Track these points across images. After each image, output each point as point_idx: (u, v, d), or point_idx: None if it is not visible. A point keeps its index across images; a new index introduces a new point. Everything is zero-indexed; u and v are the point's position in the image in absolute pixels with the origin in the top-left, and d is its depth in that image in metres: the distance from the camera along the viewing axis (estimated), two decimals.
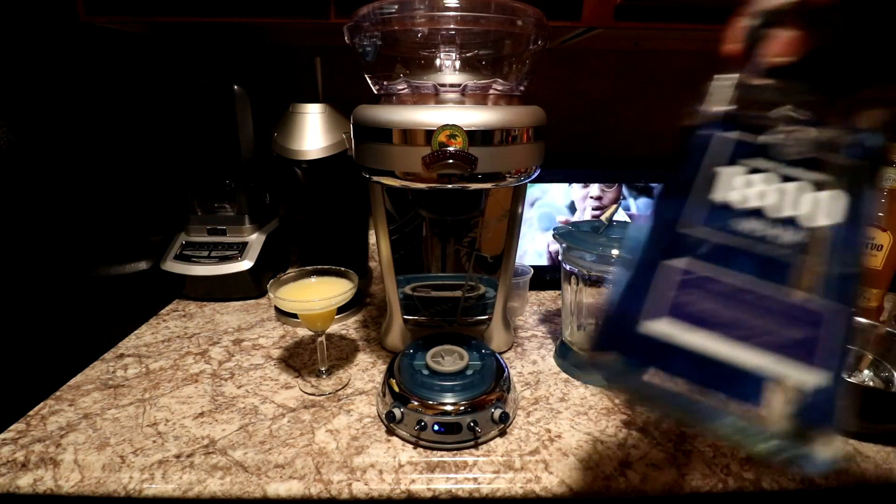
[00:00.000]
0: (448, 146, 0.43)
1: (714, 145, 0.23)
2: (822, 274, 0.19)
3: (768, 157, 0.22)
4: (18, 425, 0.47)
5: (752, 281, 0.20)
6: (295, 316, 0.66)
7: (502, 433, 0.46)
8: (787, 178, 0.21)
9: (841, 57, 0.23)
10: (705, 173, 0.22)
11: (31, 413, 0.49)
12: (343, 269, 0.57)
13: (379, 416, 0.48)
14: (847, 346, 0.19)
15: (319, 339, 0.55)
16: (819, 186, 0.21)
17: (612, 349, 0.21)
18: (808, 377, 0.18)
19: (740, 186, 0.21)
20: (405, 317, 0.62)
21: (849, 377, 0.54)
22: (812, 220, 0.20)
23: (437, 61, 0.49)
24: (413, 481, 0.41)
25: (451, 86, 0.47)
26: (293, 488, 0.40)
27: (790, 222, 0.20)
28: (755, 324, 0.19)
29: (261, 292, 0.76)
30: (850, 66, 0.23)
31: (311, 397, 0.52)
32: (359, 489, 0.40)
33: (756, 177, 0.21)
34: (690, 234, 0.21)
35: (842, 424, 0.18)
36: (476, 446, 0.44)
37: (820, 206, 0.20)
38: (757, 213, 0.21)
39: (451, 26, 0.46)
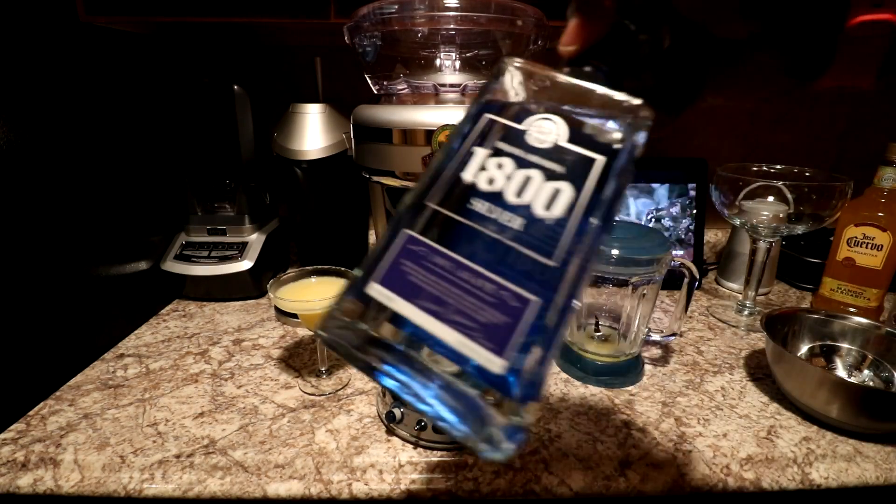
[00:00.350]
0: None
1: (481, 125, 0.23)
2: (530, 264, 0.20)
3: (524, 143, 0.22)
4: (18, 425, 0.47)
5: (471, 261, 0.20)
6: (295, 316, 0.66)
7: None
8: (535, 166, 0.22)
9: (615, 50, 0.24)
10: (465, 150, 0.23)
11: (31, 413, 0.49)
12: (343, 269, 0.57)
13: (379, 416, 0.48)
14: (542, 340, 0.19)
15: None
16: (550, 176, 0.21)
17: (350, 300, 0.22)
18: (493, 363, 0.19)
19: (490, 168, 0.22)
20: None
21: (849, 377, 0.54)
22: (537, 210, 0.21)
23: (437, 61, 0.49)
24: (413, 481, 0.41)
25: (451, 86, 0.47)
26: (293, 488, 0.40)
27: (523, 209, 0.21)
28: (460, 303, 0.20)
29: (261, 292, 0.76)
30: (614, 56, 0.24)
31: (311, 397, 0.52)
32: (359, 489, 0.40)
33: (507, 161, 0.22)
34: (432, 206, 0.22)
35: (519, 419, 0.18)
36: None
37: (544, 196, 0.21)
38: (497, 196, 0.21)
39: (451, 26, 0.46)
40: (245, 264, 0.73)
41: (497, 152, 0.22)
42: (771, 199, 0.66)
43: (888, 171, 0.65)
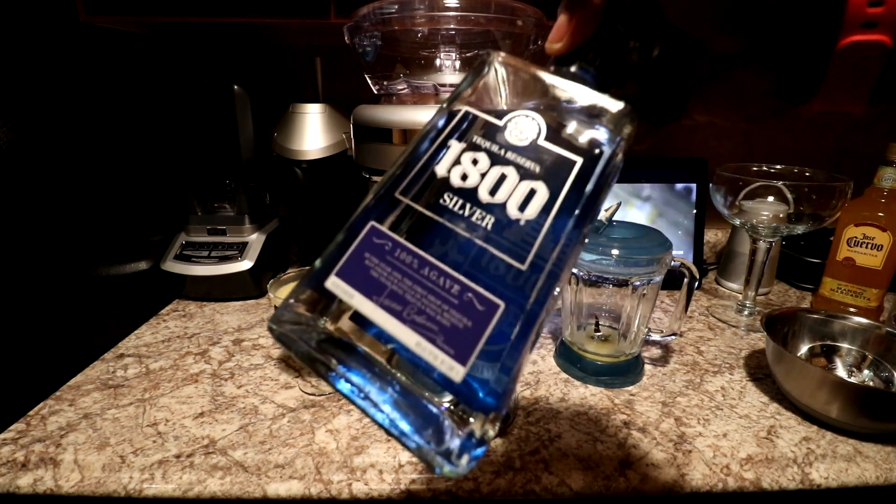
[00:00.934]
0: None
1: (458, 117, 0.22)
2: (500, 267, 0.19)
3: (501, 139, 0.21)
4: (18, 425, 0.47)
5: (437, 259, 0.19)
6: None
7: (502, 433, 0.46)
8: (511, 164, 0.21)
9: (602, 53, 0.23)
10: (441, 143, 0.22)
11: (31, 413, 0.49)
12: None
13: None
14: (508, 348, 0.18)
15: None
16: (526, 175, 0.20)
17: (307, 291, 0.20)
18: (453, 369, 0.17)
19: (464, 163, 0.21)
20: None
21: (849, 377, 0.54)
22: (510, 210, 0.20)
23: (437, 61, 0.49)
24: (413, 481, 0.41)
25: (451, 86, 0.47)
26: (293, 488, 0.40)
27: (496, 208, 0.20)
28: (423, 303, 0.18)
29: (261, 292, 0.76)
30: (602, 59, 0.23)
31: (311, 397, 0.52)
32: (359, 489, 0.40)
33: (482, 156, 0.21)
34: (400, 198, 0.21)
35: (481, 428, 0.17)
36: None
37: (518, 196, 0.20)
38: (470, 193, 0.20)
39: (451, 26, 0.46)
40: (245, 264, 0.73)
41: (473, 147, 0.21)
42: (771, 199, 0.66)
43: (888, 171, 0.65)
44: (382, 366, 0.19)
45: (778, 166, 0.71)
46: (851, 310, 0.69)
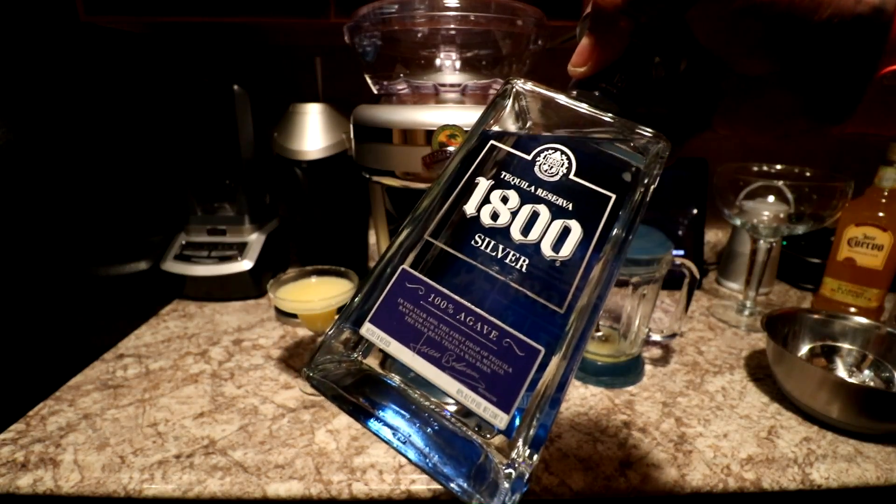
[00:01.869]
0: (448, 146, 0.43)
1: (484, 152, 0.21)
2: (537, 310, 0.18)
3: (531, 175, 0.20)
4: (18, 425, 0.47)
5: (473, 304, 0.18)
6: (295, 316, 0.66)
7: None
8: (542, 201, 0.20)
9: (627, 72, 0.22)
10: (467, 179, 0.21)
11: (31, 413, 0.49)
12: (343, 269, 0.57)
13: None
14: (550, 392, 0.17)
15: (319, 339, 0.55)
16: (559, 213, 0.19)
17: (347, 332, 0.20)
18: (497, 417, 0.17)
19: (494, 201, 0.20)
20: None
21: (850, 377, 0.54)
22: (545, 250, 0.19)
23: (437, 61, 0.49)
24: (413, 481, 0.41)
25: (452, 86, 0.47)
26: (293, 488, 0.40)
27: (530, 248, 0.19)
28: (461, 349, 0.18)
29: (261, 292, 0.76)
30: (627, 80, 0.22)
31: (311, 397, 0.52)
32: (359, 489, 0.40)
33: (512, 194, 0.20)
34: (433, 242, 0.20)
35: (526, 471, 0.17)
36: None
37: (552, 235, 0.19)
38: (502, 233, 0.19)
39: (451, 26, 0.46)
40: (245, 264, 0.73)
41: (502, 184, 0.20)
42: (771, 199, 0.66)
43: (888, 171, 0.65)
44: (420, 403, 0.18)
45: (778, 166, 0.71)
46: (852, 310, 0.69)
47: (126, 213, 0.66)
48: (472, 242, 0.20)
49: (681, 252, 0.83)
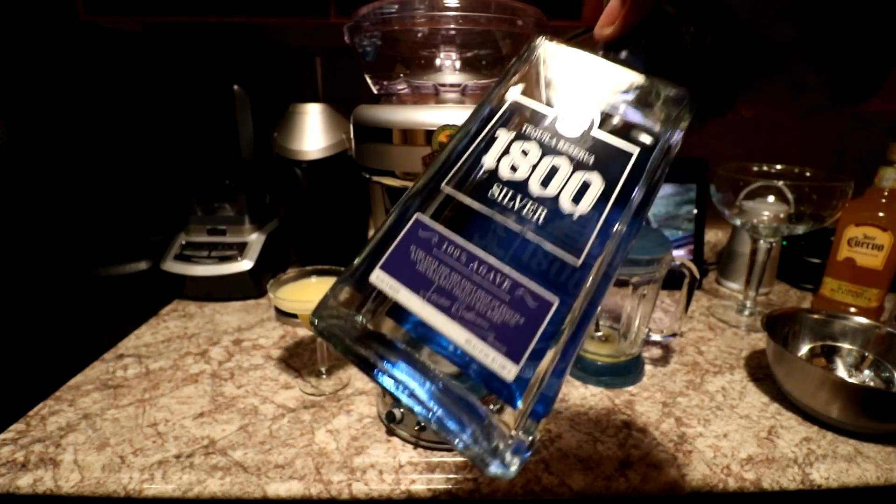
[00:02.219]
0: None
1: (506, 105, 0.21)
2: (553, 262, 0.18)
3: (552, 129, 0.20)
4: (18, 425, 0.47)
5: (487, 253, 0.18)
6: (295, 316, 0.65)
7: None
8: (563, 154, 0.20)
9: (654, 38, 0.22)
10: (487, 132, 0.21)
11: (31, 413, 0.49)
12: (343, 269, 0.56)
13: (379, 416, 0.48)
14: (560, 348, 0.17)
15: (319, 339, 0.55)
16: (579, 166, 0.19)
17: (350, 286, 0.20)
18: (505, 368, 0.17)
19: (514, 154, 0.20)
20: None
21: (850, 377, 0.54)
22: (563, 203, 0.19)
23: (437, 61, 0.49)
24: (413, 481, 0.41)
25: (452, 86, 0.47)
26: (293, 488, 0.40)
27: (548, 201, 0.19)
28: (472, 299, 0.18)
29: (261, 292, 0.76)
30: (654, 44, 0.22)
31: (311, 397, 0.52)
32: (359, 489, 0.40)
33: (532, 146, 0.20)
34: (447, 190, 0.20)
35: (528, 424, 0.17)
36: None
37: (571, 188, 0.19)
38: (520, 185, 0.19)
39: (451, 26, 0.46)
40: (245, 264, 0.73)
41: (522, 136, 0.20)
42: (771, 199, 0.66)
43: (888, 171, 0.65)
44: (424, 362, 0.18)
45: (778, 166, 0.71)
46: (852, 310, 0.69)
47: (126, 213, 0.66)
48: (490, 194, 0.19)
49: (680, 252, 0.83)
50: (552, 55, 0.22)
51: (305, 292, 0.54)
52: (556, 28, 0.54)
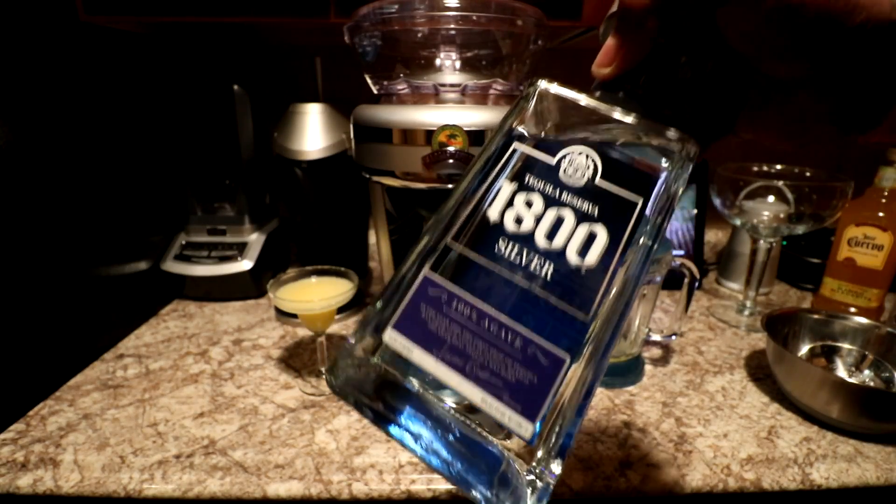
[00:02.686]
0: (448, 146, 0.43)
1: (508, 155, 0.21)
2: (563, 318, 0.18)
3: (555, 179, 0.20)
4: (18, 425, 0.47)
5: (497, 310, 0.18)
6: (295, 316, 0.66)
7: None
8: (567, 206, 0.19)
9: (653, 73, 0.22)
10: (490, 183, 0.21)
11: (31, 413, 0.49)
12: (343, 269, 0.57)
13: None
14: (558, 401, 0.17)
15: (319, 339, 0.55)
16: (584, 218, 0.19)
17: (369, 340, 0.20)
18: (522, 427, 0.17)
19: (518, 206, 0.20)
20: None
21: (850, 377, 0.54)
22: (570, 256, 0.19)
23: (437, 61, 0.49)
24: (413, 482, 0.41)
25: (452, 86, 0.47)
26: (293, 488, 0.40)
27: (555, 255, 0.19)
28: (485, 357, 0.18)
29: (261, 292, 0.76)
30: (652, 80, 0.22)
31: (311, 397, 0.52)
32: (359, 489, 0.40)
33: (536, 198, 0.20)
34: (453, 245, 0.20)
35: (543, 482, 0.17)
36: None
37: (577, 241, 0.19)
38: (526, 238, 0.19)
39: (451, 26, 0.46)
40: (245, 264, 0.73)
41: (525, 188, 0.20)
42: (771, 199, 0.66)
43: (888, 172, 0.65)
44: (440, 411, 0.18)
45: (778, 166, 0.71)
46: (852, 310, 0.69)
47: (126, 213, 0.66)
48: (496, 248, 0.19)
49: (681, 252, 0.83)
50: (551, 100, 0.22)
51: (305, 292, 0.54)
52: (556, 28, 0.54)
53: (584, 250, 0.19)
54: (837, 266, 0.70)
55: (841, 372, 0.55)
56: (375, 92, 0.52)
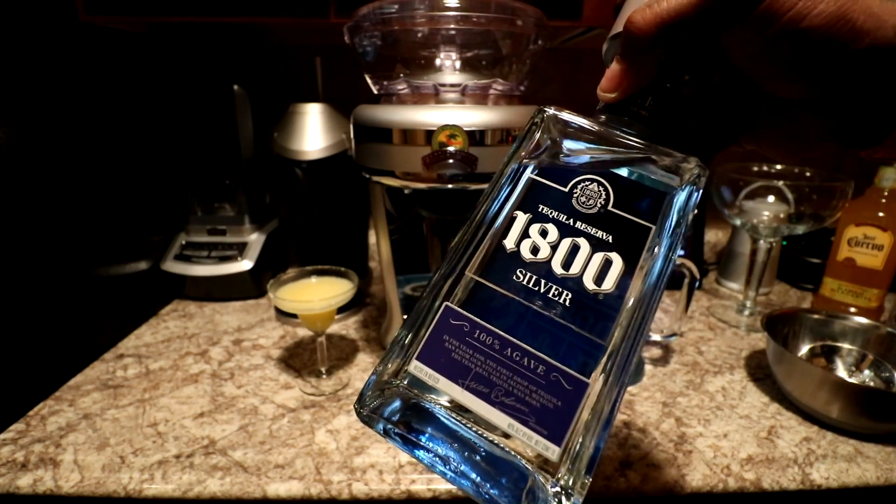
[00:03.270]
0: (448, 146, 0.43)
1: (521, 186, 0.21)
2: (583, 343, 0.18)
3: (569, 208, 0.20)
4: (18, 425, 0.47)
5: (518, 338, 0.19)
6: (295, 316, 0.66)
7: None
8: (582, 234, 0.20)
9: (658, 93, 0.22)
10: (505, 214, 0.21)
11: (31, 413, 0.49)
12: (343, 269, 0.57)
13: None
14: (599, 421, 0.18)
15: (319, 339, 0.55)
16: (599, 245, 0.19)
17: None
18: (549, 450, 0.17)
19: (533, 235, 0.20)
20: (405, 317, 0.61)
21: (850, 377, 0.54)
22: (587, 283, 0.19)
23: (437, 61, 0.49)
24: (413, 482, 0.41)
25: (452, 86, 0.47)
26: (293, 488, 0.40)
27: (572, 282, 0.19)
28: (509, 384, 0.18)
29: (261, 292, 0.76)
30: (657, 103, 0.22)
31: (311, 397, 0.52)
32: (359, 489, 0.40)
33: (551, 227, 0.20)
34: (472, 276, 0.20)
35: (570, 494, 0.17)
36: None
37: (593, 268, 0.19)
38: (543, 267, 0.20)
39: (451, 26, 0.46)
40: (245, 264, 0.73)
41: (540, 217, 0.20)
42: (771, 199, 0.66)
43: (888, 172, 0.65)
44: (466, 434, 0.18)
45: (778, 166, 0.71)
46: (852, 310, 0.69)
47: (126, 213, 0.66)
48: (514, 277, 0.20)
49: (681, 252, 0.83)
50: (559, 127, 0.22)
51: (305, 292, 0.54)
52: (556, 28, 0.54)
53: (600, 277, 0.19)
54: (837, 266, 0.70)
55: (841, 372, 0.55)
56: (375, 92, 0.52)
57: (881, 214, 0.65)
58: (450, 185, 0.45)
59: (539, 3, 0.46)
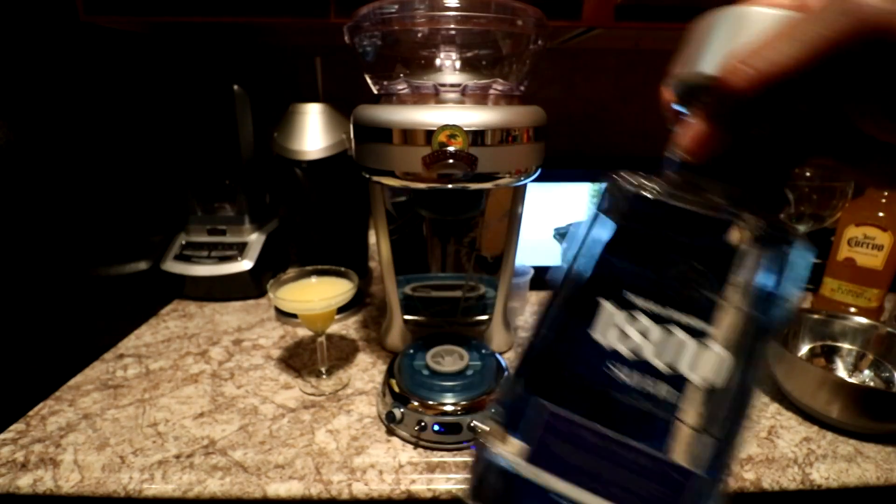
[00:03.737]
0: (448, 146, 0.43)
1: (601, 268, 0.20)
2: (686, 434, 0.18)
3: (659, 294, 0.19)
4: (18, 425, 0.47)
5: (621, 434, 0.18)
6: (295, 316, 0.66)
7: None
8: (674, 322, 0.18)
9: (758, 163, 0.19)
10: (588, 301, 0.19)
11: (31, 413, 0.49)
12: (343, 269, 0.57)
13: (379, 416, 0.48)
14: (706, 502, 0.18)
15: (319, 339, 0.55)
16: (694, 333, 0.18)
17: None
18: None
19: (625, 327, 0.19)
20: (405, 317, 0.62)
21: (850, 377, 0.54)
22: (684, 373, 0.18)
23: (437, 61, 0.49)
24: (413, 481, 0.41)
25: (452, 86, 0.47)
26: (293, 488, 0.40)
27: (668, 374, 0.18)
28: (617, 477, 0.18)
29: (261, 292, 0.76)
30: (745, 158, 0.19)
31: (311, 397, 0.52)
32: (359, 489, 0.40)
33: (641, 316, 0.19)
34: (567, 375, 0.19)
35: None
36: None
37: (688, 358, 0.18)
38: (636, 358, 0.18)
39: (451, 26, 0.46)
40: (245, 264, 0.73)
41: (628, 305, 0.19)
42: None
43: None
44: None
45: None
46: (852, 310, 0.69)
47: (126, 213, 0.66)
48: (607, 370, 0.19)
49: None
50: (631, 195, 0.20)
51: (305, 292, 0.54)
52: (556, 28, 0.54)
53: (695, 366, 0.18)
54: (837, 266, 0.70)
55: (841, 372, 0.55)
56: (375, 92, 0.52)
57: (881, 214, 0.65)
58: (450, 185, 0.45)
59: (539, 3, 0.46)
